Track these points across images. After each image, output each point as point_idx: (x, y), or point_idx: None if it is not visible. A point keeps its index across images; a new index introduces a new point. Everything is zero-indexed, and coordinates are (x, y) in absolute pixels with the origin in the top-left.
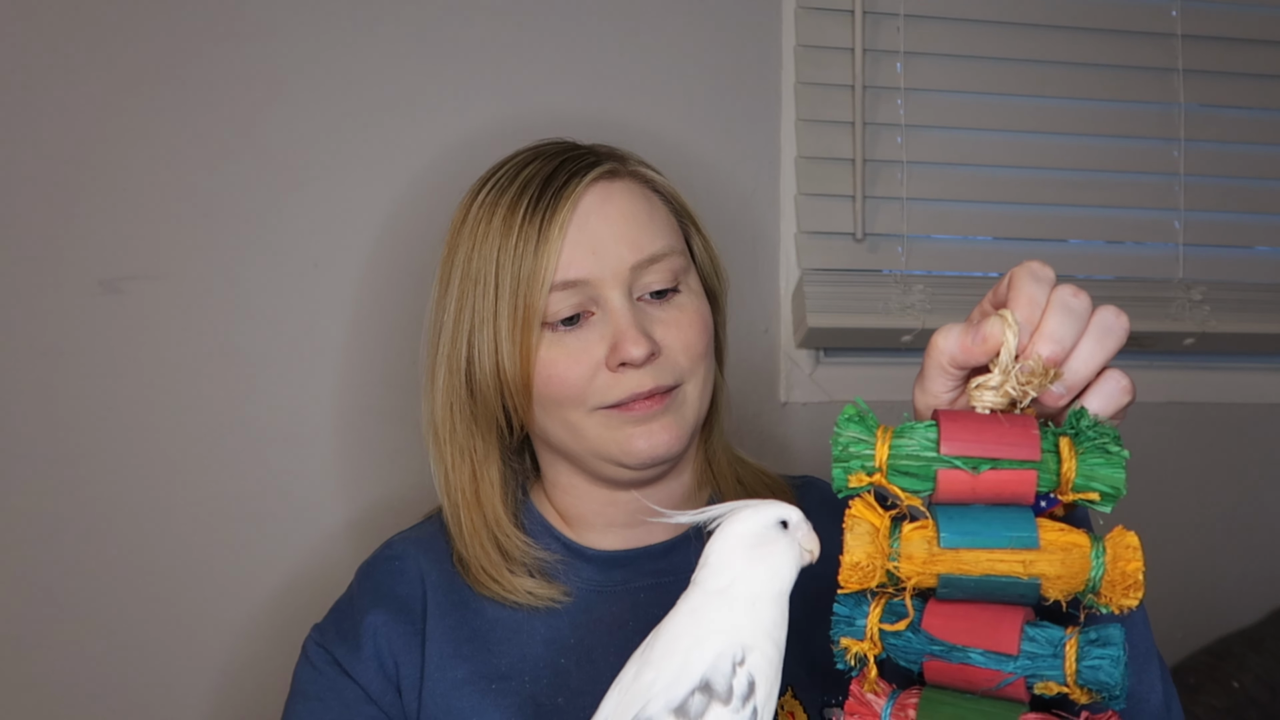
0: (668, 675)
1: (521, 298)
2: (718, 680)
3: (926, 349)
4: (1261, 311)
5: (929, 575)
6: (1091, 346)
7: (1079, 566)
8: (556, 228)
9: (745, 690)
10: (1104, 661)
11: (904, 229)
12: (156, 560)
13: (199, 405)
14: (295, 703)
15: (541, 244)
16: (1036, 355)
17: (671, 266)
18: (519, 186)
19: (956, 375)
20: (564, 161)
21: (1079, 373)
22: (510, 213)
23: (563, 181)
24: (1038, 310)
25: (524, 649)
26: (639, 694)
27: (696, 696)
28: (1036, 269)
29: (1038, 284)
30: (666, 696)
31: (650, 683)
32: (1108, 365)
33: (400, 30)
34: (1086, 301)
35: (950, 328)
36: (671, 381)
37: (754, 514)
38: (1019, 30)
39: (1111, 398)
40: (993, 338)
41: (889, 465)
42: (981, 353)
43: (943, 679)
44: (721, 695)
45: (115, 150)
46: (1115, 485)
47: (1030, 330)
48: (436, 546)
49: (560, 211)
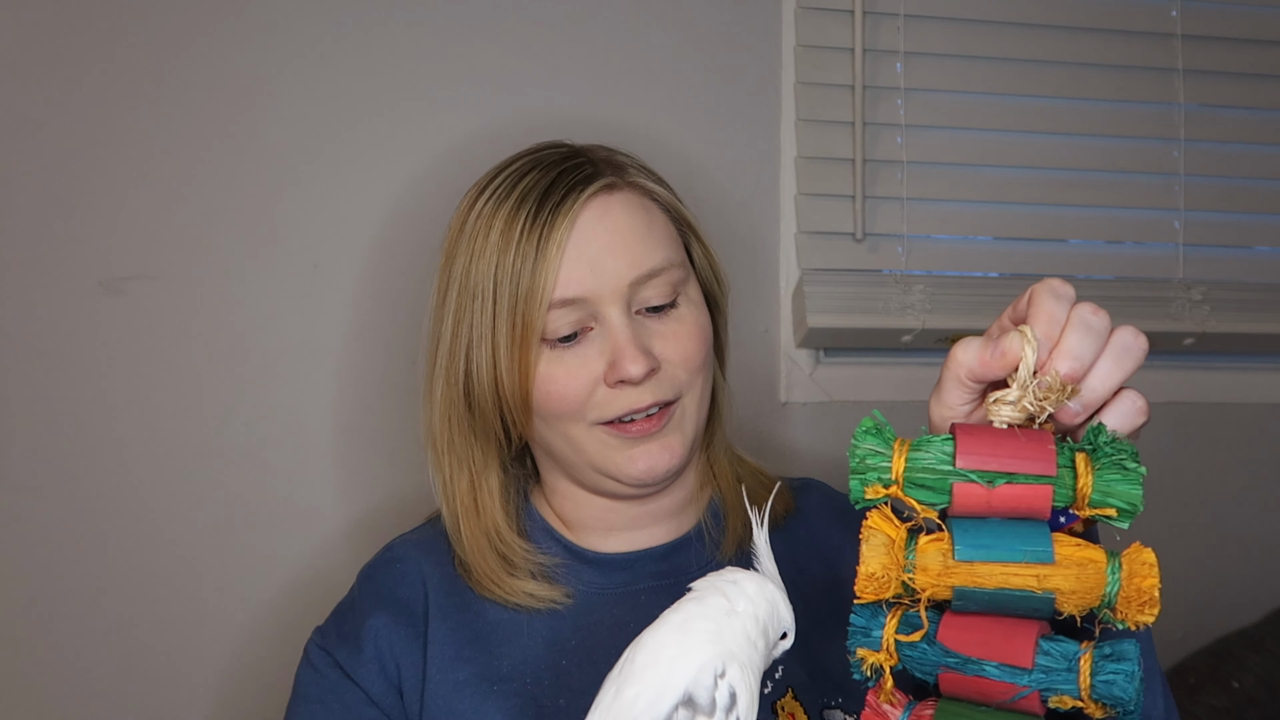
0: (650, 691)
1: (520, 315)
2: (700, 693)
3: (945, 361)
4: (1261, 311)
5: (944, 587)
6: (1110, 365)
7: (1094, 582)
8: (554, 246)
9: (728, 702)
10: (1118, 676)
11: (904, 229)
12: (156, 563)
13: (199, 405)
14: (296, 705)
15: (539, 262)
16: (1055, 371)
17: (671, 279)
18: (517, 199)
19: (974, 388)
20: (562, 173)
21: (1096, 391)
22: (508, 226)
23: (560, 196)
24: (1057, 327)
25: (525, 650)
26: (621, 711)
27: (681, 711)
28: (1057, 286)
29: (1058, 301)
30: (651, 713)
31: (633, 699)
32: (1125, 385)
33: (400, 30)
34: (1106, 320)
35: (969, 340)
36: (671, 395)
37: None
38: (1019, 30)
39: (1127, 417)
40: (1012, 352)
41: (905, 478)
42: (1000, 367)
43: (958, 691)
44: (705, 708)
45: (115, 150)
46: (1132, 501)
47: (1049, 347)
48: (438, 549)
49: (558, 229)
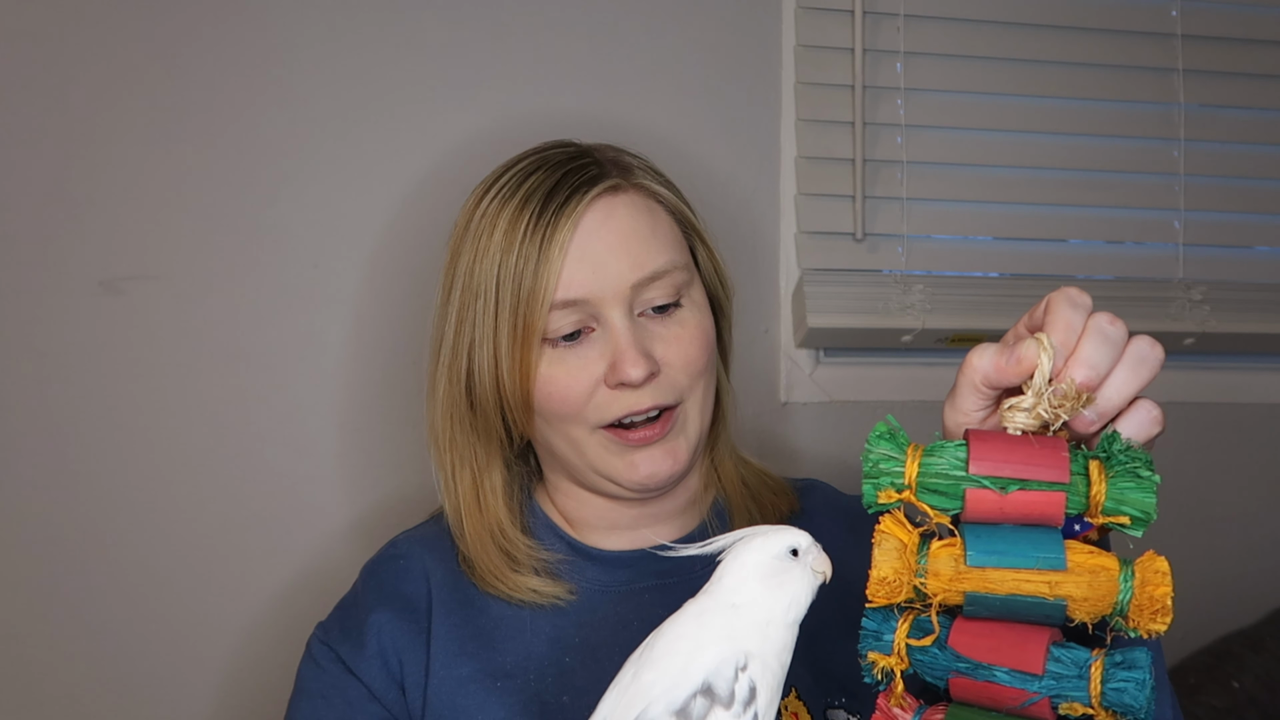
0: (669, 677)
1: (521, 315)
2: (719, 684)
3: (960, 367)
4: (1261, 311)
5: (955, 592)
6: (1125, 375)
7: (1106, 589)
8: (557, 247)
9: (747, 696)
10: (1129, 684)
11: (904, 229)
12: (157, 562)
13: (199, 405)
14: (298, 700)
15: (542, 263)
16: (1070, 379)
17: (674, 281)
18: (521, 199)
19: (989, 395)
20: (567, 173)
21: (1111, 400)
22: (512, 227)
23: (564, 197)
24: (1074, 335)
25: (529, 647)
26: (639, 695)
27: (698, 700)
28: (1074, 295)
29: (1075, 310)
30: (668, 699)
31: (650, 684)
32: (1140, 395)
33: (401, 30)
34: (1123, 330)
35: (985, 347)
36: (672, 400)
37: (766, 542)
38: (1019, 30)
39: (1142, 426)
40: (1028, 359)
41: (918, 483)
42: (1015, 374)
43: (968, 696)
44: (723, 699)
45: (115, 150)
46: (1146, 510)
47: (1065, 355)
48: (441, 546)
49: (561, 230)
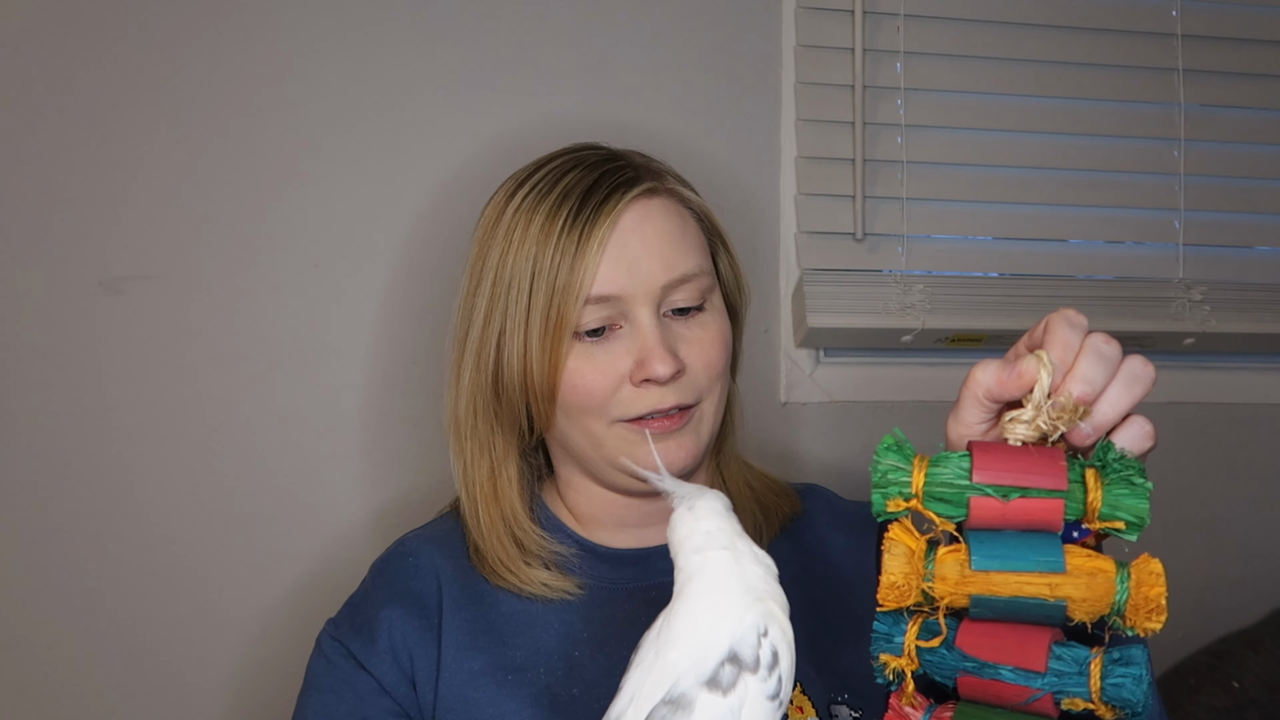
0: (695, 651)
1: (555, 308)
2: (744, 651)
3: (964, 382)
4: (1261, 311)
5: (961, 595)
6: (1120, 391)
7: (1104, 590)
8: (595, 243)
9: (770, 659)
10: (1127, 680)
11: (904, 229)
12: (159, 562)
13: (198, 405)
14: (308, 695)
15: (579, 257)
16: (1068, 394)
17: (699, 286)
18: (559, 195)
19: (991, 408)
20: (604, 174)
21: (1106, 414)
22: (549, 221)
23: (604, 196)
24: (1071, 353)
25: (539, 641)
26: (666, 671)
27: (727, 667)
28: (1072, 316)
29: (1072, 329)
30: (697, 670)
31: (676, 660)
32: (1133, 411)
33: (402, 30)
34: (1117, 349)
35: (988, 362)
36: (692, 399)
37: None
38: (1019, 30)
39: (1135, 441)
40: (1028, 374)
41: (925, 492)
42: (1016, 388)
43: (976, 694)
44: (750, 665)
45: (115, 150)
46: (1140, 515)
47: (1064, 371)
48: (451, 543)
49: (600, 227)
